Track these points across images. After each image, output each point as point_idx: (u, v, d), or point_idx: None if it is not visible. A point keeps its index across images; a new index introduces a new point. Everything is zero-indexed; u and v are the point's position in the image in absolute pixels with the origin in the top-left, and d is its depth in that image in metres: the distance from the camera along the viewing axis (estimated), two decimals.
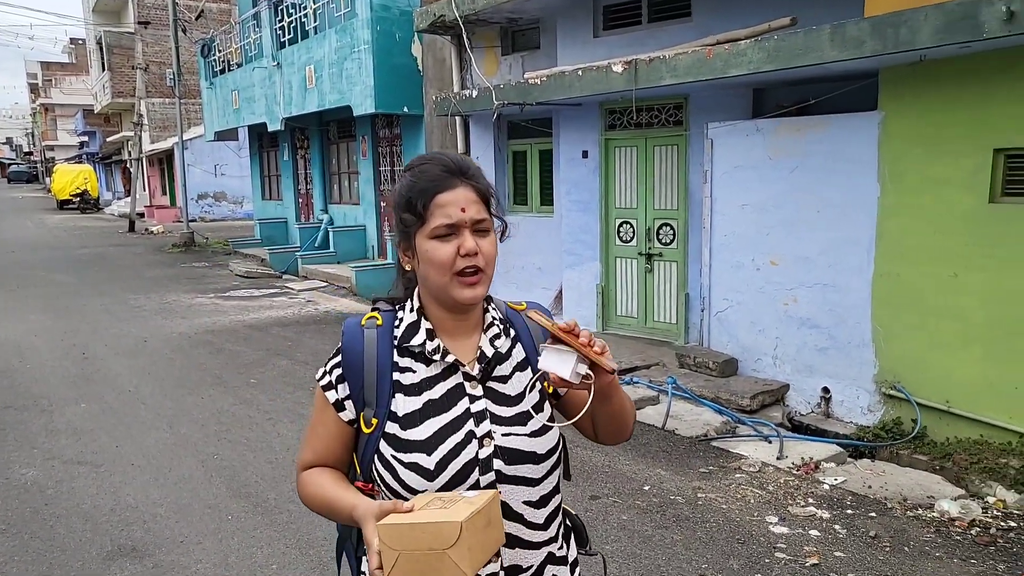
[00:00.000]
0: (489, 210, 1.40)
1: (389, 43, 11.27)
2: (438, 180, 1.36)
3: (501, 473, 1.36)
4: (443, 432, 1.36)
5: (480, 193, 1.38)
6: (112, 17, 34.93)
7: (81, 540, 4.02)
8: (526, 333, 1.50)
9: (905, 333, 5.37)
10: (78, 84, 51.11)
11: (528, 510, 1.40)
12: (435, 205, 1.34)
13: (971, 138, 4.88)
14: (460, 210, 1.34)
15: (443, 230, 1.34)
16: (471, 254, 1.34)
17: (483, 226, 1.37)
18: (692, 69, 5.94)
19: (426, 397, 1.39)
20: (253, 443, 5.41)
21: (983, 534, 4.03)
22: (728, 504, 4.39)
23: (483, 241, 1.37)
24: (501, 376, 1.43)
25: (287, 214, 17.69)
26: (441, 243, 1.35)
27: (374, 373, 1.41)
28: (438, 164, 1.38)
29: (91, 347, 8.42)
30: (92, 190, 35.70)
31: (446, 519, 1.15)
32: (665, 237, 7.58)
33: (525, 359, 1.48)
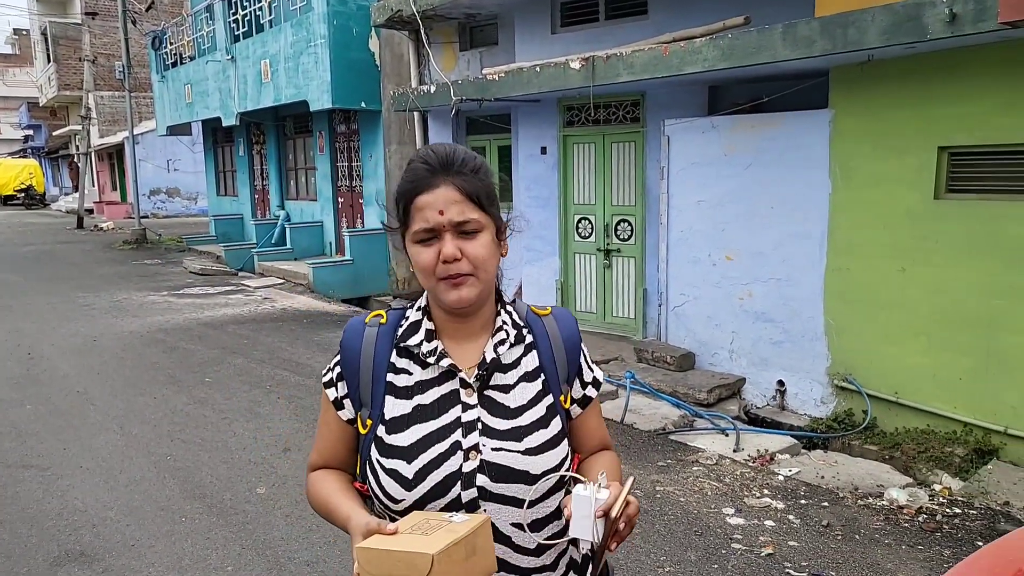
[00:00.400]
0: (483, 207, 1.29)
1: (346, 37, 11.14)
2: (418, 180, 1.28)
3: (484, 490, 1.27)
4: (427, 440, 1.29)
5: (466, 191, 1.27)
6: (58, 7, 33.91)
7: (27, 546, 3.90)
8: (545, 341, 1.40)
9: (856, 326, 5.50)
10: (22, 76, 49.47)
11: (517, 533, 1.30)
12: (415, 208, 1.27)
13: (917, 136, 5.02)
14: (438, 212, 1.25)
15: (423, 235, 1.27)
16: (449, 260, 1.25)
17: (469, 227, 1.27)
18: (649, 66, 5.99)
19: (416, 401, 1.32)
20: (208, 443, 5.31)
21: (930, 521, 4.15)
22: (686, 497, 4.45)
23: (469, 243, 1.27)
24: (502, 385, 1.34)
25: (243, 210, 17.39)
26: (423, 247, 1.27)
27: (370, 373, 1.35)
28: (423, 160, 1.29)
29: (37, 347, 8.17)
30: (38, 185, 34.70)
31: (419, 549, 1.09)
32: (623, 233, 7.65)
33: (537, 368, 1.38)
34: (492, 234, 1.31)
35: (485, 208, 1.29)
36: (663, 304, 6.84)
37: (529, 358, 1.38)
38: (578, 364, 1.43)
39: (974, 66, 4.69)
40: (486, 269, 1.29)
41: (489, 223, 1.30)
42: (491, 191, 1.32)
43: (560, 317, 1.45)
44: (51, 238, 20.49)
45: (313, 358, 7.68)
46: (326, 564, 3.68)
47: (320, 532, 3.97)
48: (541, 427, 1.33)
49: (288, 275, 12.82)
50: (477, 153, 1.35)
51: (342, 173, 13.51)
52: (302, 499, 4.37)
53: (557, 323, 1.43)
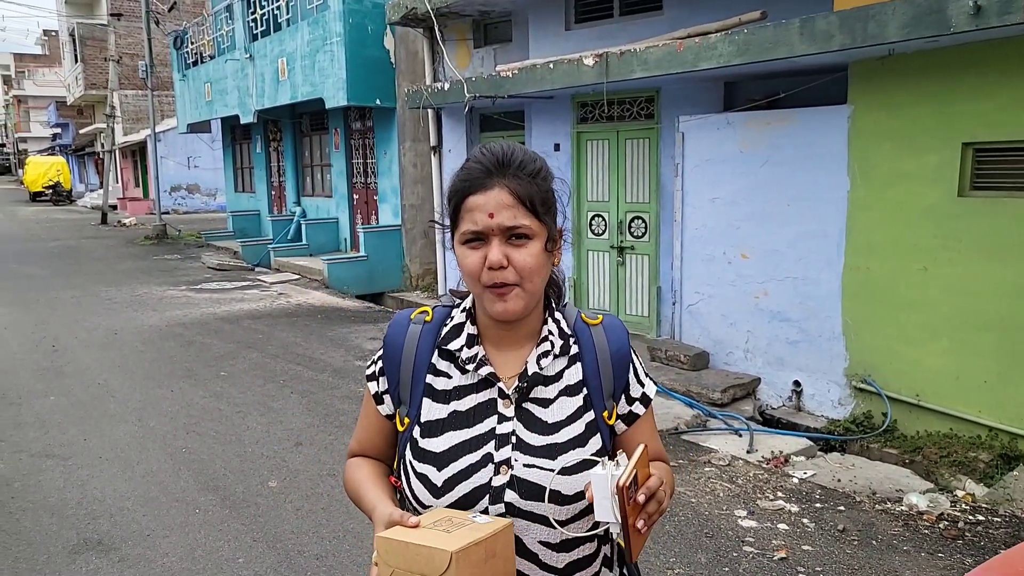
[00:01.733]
0: (536, 213, 1.22)
1: (361, 35, 11.17)
2: (471, 179, 1.22)
3: (513, 506, 1.22)
4: (460, 449, 1.25)
5: (519, 195, 1.20)
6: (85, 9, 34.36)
7: (47, 533, 3.96)
8: (591, 353, 1.33)
9: (875, 327, 5.42)
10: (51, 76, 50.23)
11: (544, 551, 1.25)
12: (465, 208, 1.22)
13: (939, 132, 4.93)
14: (488, 215, 1.19)
15: (470, 236, 1.21)
16: (495, 267, 1.19)
17: (519, 232, 1.20)
18: (663, 62, 5.94)
19: (453, 407, 1.29)
20: (222, 436, 5.35)
21: (951, 528, 4.06)
22: (697, 498, 4.41)
23: (518, 251, 1.20)
24: (542, 399, 1.28)
25: (260, 206, 17.51)
26: (470, 250, 1.22)
27: (410, 371, 1.32)
28: (480, 159, 1.23)
29: (61, 340, 8.28)
30: (65, 182, 35.16)
31: (439, 546, 1.07)
32: (637, 230, 7.60)
33: (580, 382, 1.31)
34: (543, 242, 1.24)
35: (539, 215, 1.22)
36: (677, 302, 6.79)
37: (572, 371, 1.32)
38: (625, 379, 1.34)
39: (999, 60, 4.59)
40: (532, 280, 1.23)
41: (541, 231, 1.23)
42: (547, 197, 1.26)
43: (610, 328, 1.36)
44: (76, 233, 20.76)
45: (327, 354, 7.72)
46: (335, 558, 3.68)
47: (330, 527, 3.98)
48: (578, 445, 1.27)
49: (303, 271, 12.89)
50: (539, 154, 1.29)
51: (357, 170, 13.56)
52: (313, 493, 4.39)
53: (606, 334, 1.35)
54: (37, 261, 14.93)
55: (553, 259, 1.30)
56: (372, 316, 9.79)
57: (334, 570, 3.59)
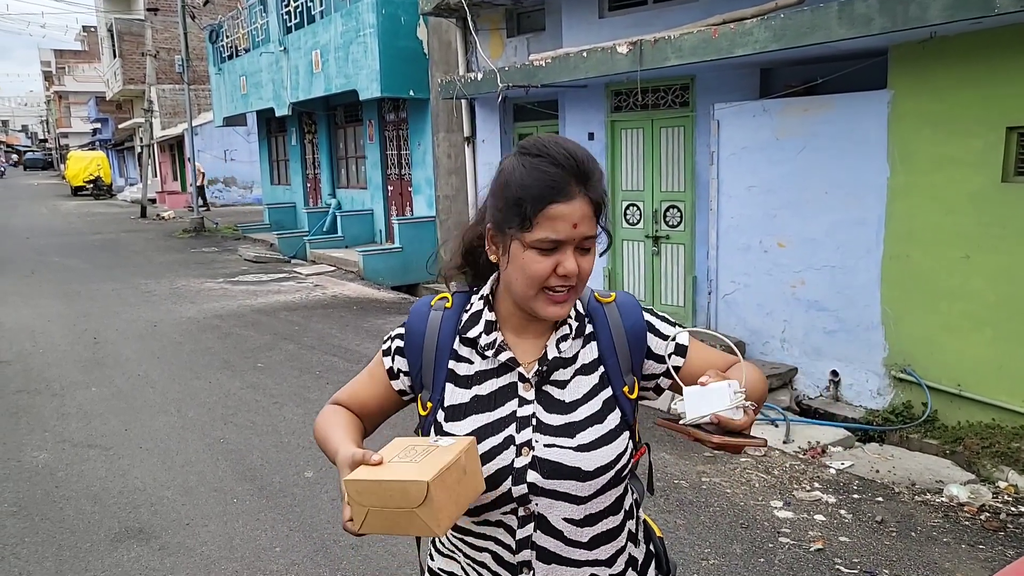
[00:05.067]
0: (598, 220, 1.24)
1: (394, 26, 11.20)
2: (555, 187, 1.19)
3: (536, 486, 1.25)
4: (482, 432, 1.28)
5: (596, 206, 1.22)
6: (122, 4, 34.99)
7: (90, 522, 4.06)
8: (606, 331, 1.35)
9: (915, 315, 5.31)
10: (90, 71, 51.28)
11: (569, 527, 1.28)
12: (544, 216, 1.19)
13: (983, 116, 4.79)
14: (572, 226, 1.19)
15: (547, 244, 1.20)
16: (571, 276, 1.21)
17: (588, 244, 1.23)
18: (697, 49, 5.86)
19: (475, 392, 1.32)
20: (259, 427, 5.44)
21: (992, 519, 3.98)
22: (732, 488, 4.37)
23: (584, 259, 1.23)
24: (560, 381, 1.31)
25: (295, 199, 17.71)
26: (540, 256, 1.21)
27: (432, 357, 1.35)
28: (558, 162, 1.20)
29: (102, 331, 8.48)
30: (105, 176, 35.89)
31: (413, 478, 1.08)
32: (672, 219, 7.53)
33: (596, 360, 1.33)
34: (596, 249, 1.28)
35: (599, 221, 1.25)
36: (713, 292, 6.71)
37: (587, 350, 1.34)
38: (643, 350, 1.36)
39: None
40: (585, 283, 1.28)
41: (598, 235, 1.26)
42: (605, 202, 1.27)
43: (623, 305, 1.38)
44: (116, 227, 21.22)
45: (362, 345, 7.79)
46: (370, 548, 3.73)
47: None
48: (596, 422, 1.29)
49: (339, 262, 13.02)
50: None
51: (391, 161, 13.63)
52: None
53: (620, 312, 1.37)
54: (79, 254, 15.29)
55: None
56: (406, 307, 9.82)
57: (369, 560, 3.64)
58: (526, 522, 1.28)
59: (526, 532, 1.28)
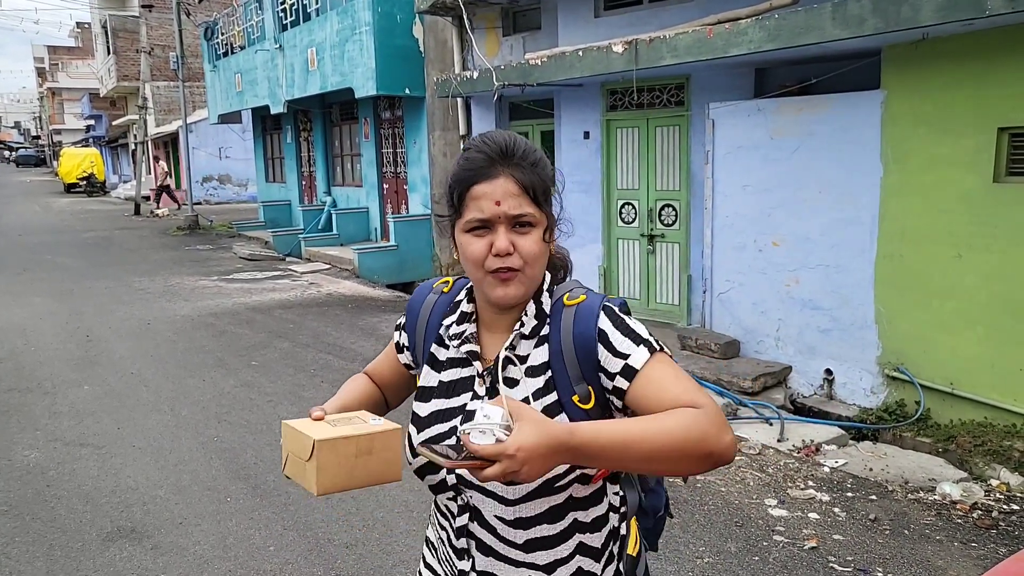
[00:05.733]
0: (538, 202, 1.25)
1: (390, 24, 11.18)
2: (476, 168, 1.24)
3: (463, 479, 1.27)
4: (435, 417, 1.34)
5: (523, 184, 1.23)
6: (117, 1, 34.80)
7: (82, 521, 4.05)
8: (557, 335, 1.30)
9: (908, 314, 5.33)
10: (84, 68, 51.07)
11: (501, 525, 1.29)
12: (470, 197, 1.24)
13: (975, 117, 4.81)
14: (494, 203, 1.22)
15: (475, 224, 1.24)
16: (502, 254, 1.23)
17: (524, 220, 1.24)
18: (692, 49, 5.86)
19: (440, 377, 1.37)
20: (253, 425, 5.43)
21: (985, 517, 4.00)
22: (727, 487, 4.38)
23: (522, 238, 1.24)
24: (510, 379, 1.31)
25: (290, 196, 17.68)
26: (474, 238, 1.25)
27: (423, 338, 1.43)
28: (483, 149, 1.25)
29: (95, 330, 8.45)
30: (98, 173, 35.73)
31: (310, 434, 1.19)
32: (667, 218, 7.54)
33: (544, 363, 1.30)
34: (544, 230, 1.27)
35: (540, 204, 1.26)
36: (708, 291, 6.73)
37: (539, 352, 1.31)
38: (594, 361, 1.27)
39: None
40: (534, 266, 1.27)
41: (542, 219, 1.26)
42: (548, 186, 1.29)
43: (581, 310, 1.30)
44: (110, 224, 21.14)
45: (357, 343, 7.78)
46: (364, 546, 3.72)
47: (359, 515, 4.03)
48: None
49: (334, 260, 13.00)
50: (536, 145, 1.31)
51: (387, 159, 13.61)
52: None
53: (575, 317, 1.30)
54: (72, 252, 15.23)
55: (550, 247, 1.33)
56: (402, 305, 9.84)
57: (363, 558, 3.63)
58: (463, 511, 1.32)
59: (463, 521, 1.33)
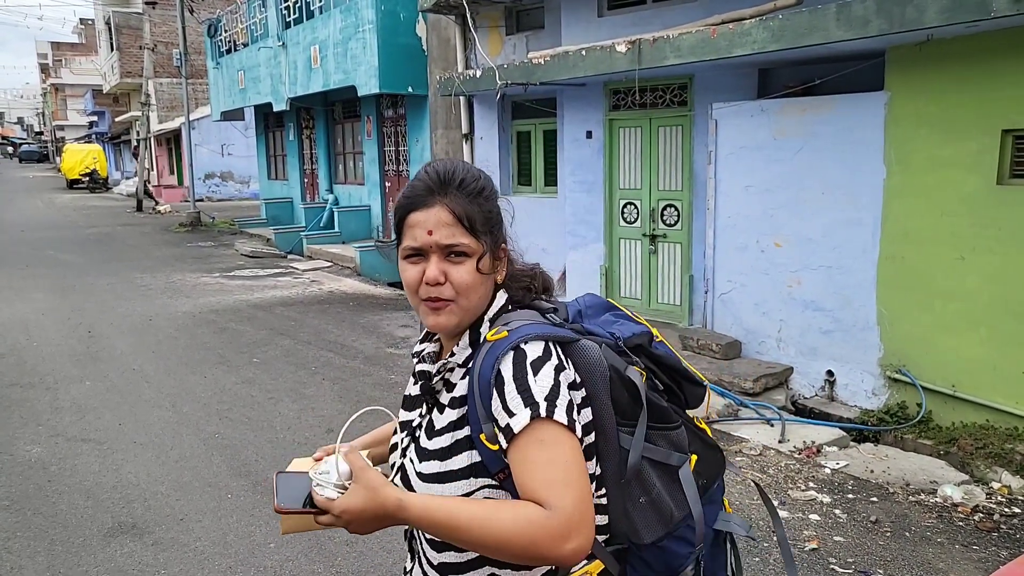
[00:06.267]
0: (474, 232, 1.24)
1: (393, 23, 11.18)
2: (413, 196, 1.26)
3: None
4: (401, 427, 1.41)
5: (458, 215, 1.23)
6: None
7: (83, 516, 4.06)
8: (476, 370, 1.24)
9: (910, 316, 5.32)
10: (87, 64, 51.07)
11: (426, 540, 1.32)
12: (407, 224, 1.26)
13: (979, 119, 4.80)
14: (427, 232, 1.23)
15: (410, 251, 1.26)
16: (431, 283, 1.23)
17: (457, 250, 1.23)
18: (696, 49, 5.85)
19: (408, 391, 1.43)
20: (254, 422, 5.43)
21: (986, 520, 4.00)
22: (728, 487, 4.37)
23: (455, 268, 1.23)
24: (442, 405, 1.31)
25: (293, 194, 17.68)
26: (410, 264, 1.27)
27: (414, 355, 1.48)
28: (422, 178, 1.27)
29: (97, 326, 8.46)
30: (101, 170, 35.79)
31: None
32: (669, 218, 7.53)
33: (463, 396, 1.27)
34: (484, 260, 1.26)
35: (477, 234, 1.25)
36: (709, 291, 6.72)
37: (463, 383, 1.28)
38: (488, 406, 1.20)
39: None
40: (468, 296, 1.25)
41: (479, 248, 1.25)
42: (488, 216, 1.27)
43: (491, 349, 1.23)
44: (112, 220, 21.17)
45: (358, 341, 7.78)
46: (364, 544, 3.73)
47: None
48: (436, 458, 1.26)
49: (336, 258, 13.00)
50: (483, 173, 1.31)
51: (389, 157, 13.61)
52: None
53: (482, 356, 1.24)
54: (74, 248, 15.25)
55: (496, 275, 1.32)
56: (403, 303, 9.84)
57: (363, 556, 3.64)
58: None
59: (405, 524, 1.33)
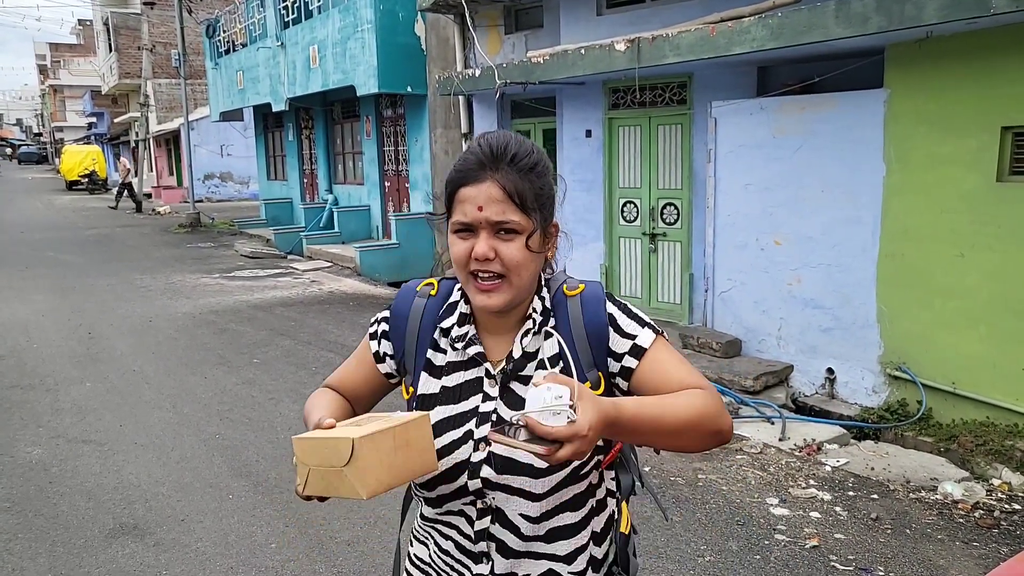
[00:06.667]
0: (525, 209, 1.23)
1: (392, 22, 11.18)
2: (466, 171, 1.24)
3: (489, 481, 1.26)
4: (445, 424, 1.30)
5: (509, 191, 1.21)
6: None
7: (84, 518, 4.05)
8: (566, 325, 1.32)
9: (910, 314, 5.32)
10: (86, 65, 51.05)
11: (524, 523, 1.29)
12: (457, 199, 1.24)
13: (978, 116, 4.80)
14: (477, 208, 1.21)
15: (459, 227, 1.24)
16: (480, 259, 1.22)
17: (507, 227, 1.22)
18: (695, 47, 5.85)
19: (443, 383, 1.33)
20: (255, 423, 5.43)
21: (987, 517, 4.00)
22: (728, 486, 4.38)
23: (505, 245, 1.22)
24: (525, 376, 1.30)
25: (292, 194, 17.68)
26: (459, 240, 1.25)
27: (414, 344, 1.37)
28: (475, 151, 1.25)
29: (97, 327, 8.46)
30: (100, 171, 35.75)
31: (343, 435, 1.10)
32: (669, 217, 7.53)
33: (556, 355, 1.31)
34: (534, 237, 1.25)
35: (528, 211, 1.23)
36: (709, 289, 6.72)
37: (549, 344, 1.32)
38: (605, 347, 1.31)
39: None
40: (519, 274, 1.24)
41: (528, 226, 1.24)
42: (540, 192, 1.26)
43: (587, 298, 1.34)
44: (111, 222, 21.16)
45: (358, 340, 7.65)
46: (366, 544, 3.73)
47: (361, 513, 4.03)
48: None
49: (336, 258, 13.00)
50: (536, 147, 1.28)
51: (388, 157, 13.61)
52: None
53: (582, 306, 1.33)
54: (73, 249, 15.24)
55: (546, 252, 1.32)
56: None
57: (365, 556, 3.64)
58: (484, 514, 1.30)
59: (483, 524, 1.30)
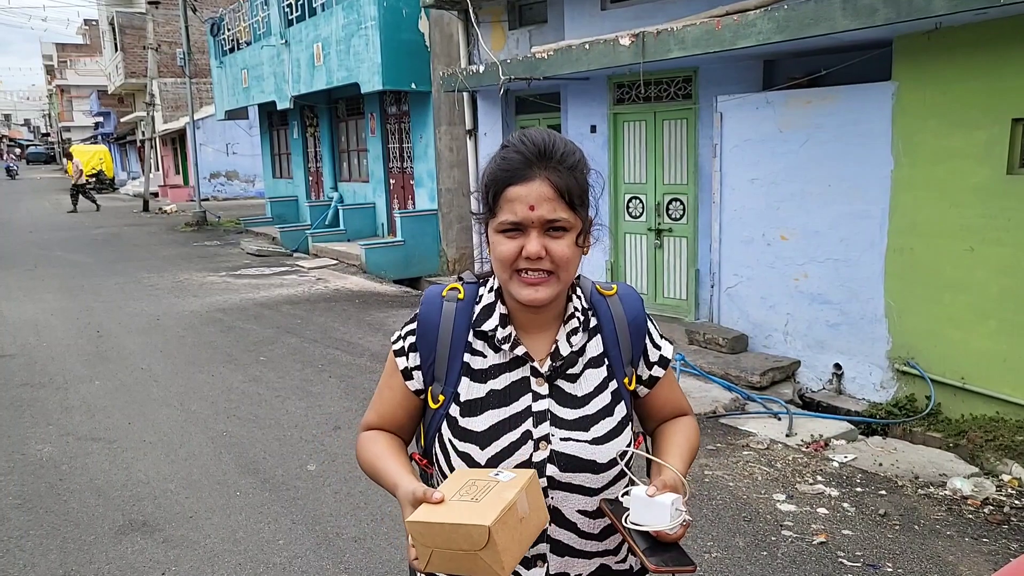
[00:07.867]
0: (573, 206, 1.24)
1: (396, 19, 11.16)
2: (512, 170, 1.23)
3: (553, 480, 1.28)
4: (500, 427, 1.29)
5: (559, 189, 1.22)
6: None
7: (94, 515, 4.07)
8: (610, 324, 1.36)
9: (919, 308, 5.29)
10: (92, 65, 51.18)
11: (582, 519, 1.31)
12: (504, 198, 1.23)
13: (988, 108, 4.76)
14: (528, 208, 1.21)
15: (508, 226, 1.23)
16: (532, 258, 1.22)
17: (558, 225, 1.23)
18: (700, 41, 5.82)
19: (490, 386, 1.32)
20: (262, 420, 5.44)
21: (996, 513, 3.98)
22: (735, 482, 4.37)
23: (555, 242, 1.23)
24: (571, 374, 1.33)
25: (297, 192, 17.69)
26: (506, 239, 1.24)
27: (447, 349, 1.35)
28: (520, 149, 1.24)
29: (105, 325, 8.49)
30: (108, 170, 35.87)
31: (475, 522, 1.06)
32: (675, 212, 7.51)
33: (602, 354, 1.35)
34: (578, 234, 1.27)
35: (576, 208, 1.24)
36: (715, 285, 6.70)
37: (593, 343, 1.36)
38: (643, 346, 1.41)
39: None
40: (567, 270, 1.26)
41: (577, 223, 1.25)
42: (585, 189, 1.27)
43: (625, 297, 1.41)
44: (119, 221, 21.22)
45: (364, 338, 7.79)
46: (373, 540, 3.73)
47: (368, 509, 4.03)
48: (607, 415, 1.33)
49: (341, 256, 13.01)
50: (575, 144, 1.29)
51: (393, 155, 13.60)
52: (351, 477, 4.45)
53: (622, 304, 1.40)
54: (82, 248, 15.29)
55: (584, 249, 1.32)
56: (409, 301, 9.85)
57: (372, 552, 3.64)
58: None
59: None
